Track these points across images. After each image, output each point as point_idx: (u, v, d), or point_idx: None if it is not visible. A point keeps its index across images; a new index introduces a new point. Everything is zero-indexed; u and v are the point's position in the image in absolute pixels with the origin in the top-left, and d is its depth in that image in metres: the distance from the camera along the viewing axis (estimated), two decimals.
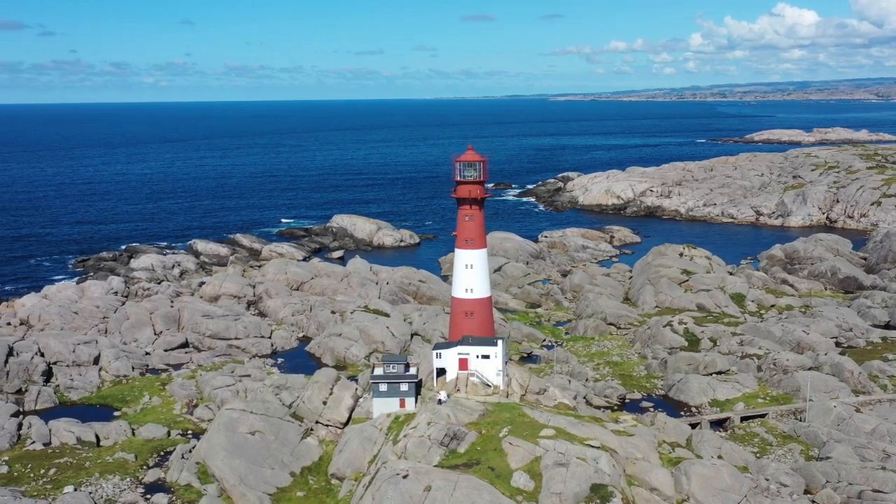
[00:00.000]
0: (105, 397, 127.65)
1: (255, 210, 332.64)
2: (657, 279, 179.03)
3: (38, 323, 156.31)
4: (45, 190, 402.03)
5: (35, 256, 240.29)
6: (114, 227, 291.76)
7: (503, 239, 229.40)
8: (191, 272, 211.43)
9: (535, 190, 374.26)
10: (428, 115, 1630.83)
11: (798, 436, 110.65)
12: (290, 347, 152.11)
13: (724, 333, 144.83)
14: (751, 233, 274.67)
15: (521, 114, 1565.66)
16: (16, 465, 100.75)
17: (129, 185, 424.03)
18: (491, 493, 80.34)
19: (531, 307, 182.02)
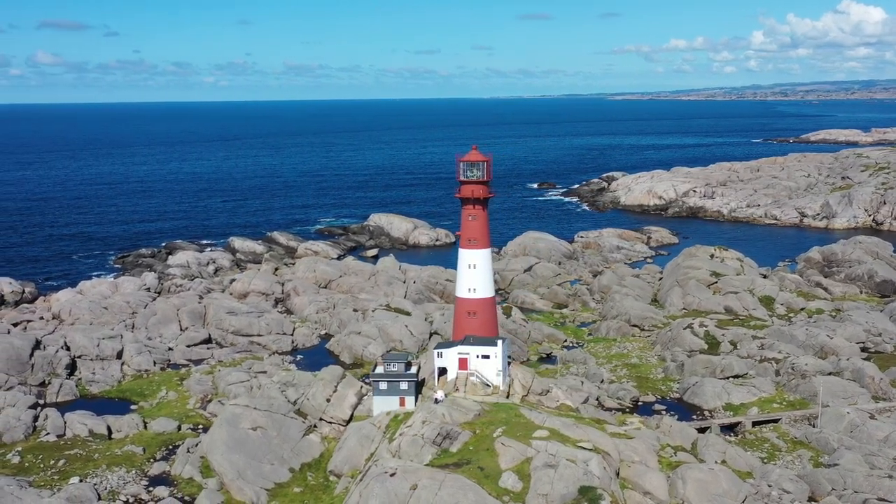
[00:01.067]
0: (124, 391, 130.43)
1: (298, 208, 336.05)
2: (685, 281, 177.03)
3: (68, 317, 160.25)
4: (98, 187, 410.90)
5: (79, 252, 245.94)
6: (158, 224, 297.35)
7: (536, 239, 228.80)
8: (225, 269, 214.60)
9: (578, 190, 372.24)
10: (484, 114, 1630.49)
11: (809, 442, 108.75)
12: (310, 345, 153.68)
13: (744, 337, 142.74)
14: (793, 235, 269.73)
15: (577, 113, 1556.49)
16: (28, 456, 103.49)
17: (179, 182, 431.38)
18: (477, 493, 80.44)
19: (558, 308, 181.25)
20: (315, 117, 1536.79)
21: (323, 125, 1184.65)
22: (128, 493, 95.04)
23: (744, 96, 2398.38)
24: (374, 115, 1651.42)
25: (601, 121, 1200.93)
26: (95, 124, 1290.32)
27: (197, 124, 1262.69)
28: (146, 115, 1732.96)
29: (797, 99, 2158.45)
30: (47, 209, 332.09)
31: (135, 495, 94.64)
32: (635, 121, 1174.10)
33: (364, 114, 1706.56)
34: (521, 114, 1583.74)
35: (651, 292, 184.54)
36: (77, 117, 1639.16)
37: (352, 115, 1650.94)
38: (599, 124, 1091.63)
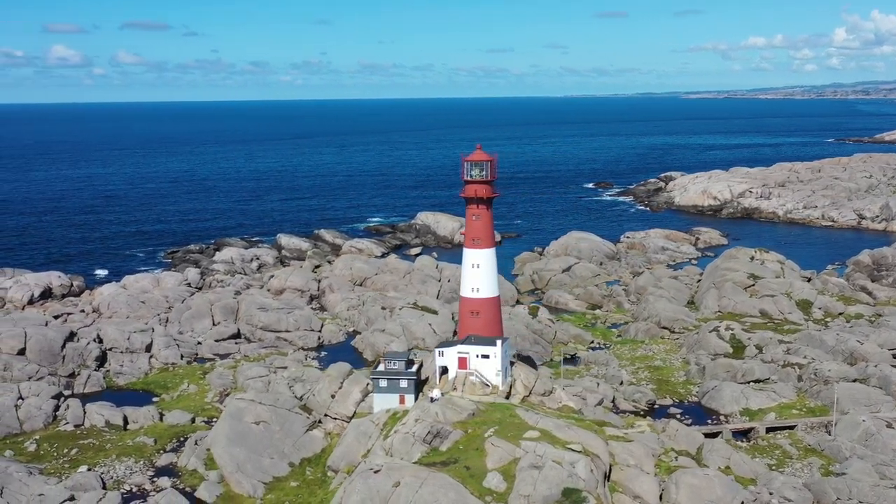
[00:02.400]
0: (149, 383, 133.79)
1: (352, 206, 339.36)
2: (722, 283, 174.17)
3: (106, 311, 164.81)
4: (163, 184, 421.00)
5: (133, 248, 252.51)
6: (213, 220, 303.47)
7: (579, 239, 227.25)
8: (268, 266, 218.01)
9: (634, 190, 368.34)
10: (556, 112, 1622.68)
11: (822, 450, 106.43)
12: (337, 341, 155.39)
13: (770, 341, 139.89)
14: (850, 237, 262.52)
15: (648, 112, 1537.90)
16: (44, 444, 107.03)
17: (240, 180, 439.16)
18: (458, 492, 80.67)
19: (592, 308, 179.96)
20: (387, 116, 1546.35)
21: (393, 124, 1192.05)
22: (132, 482, 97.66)
23: (823, 95, 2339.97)
24: (445, 113, 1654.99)
25: (672, 120, 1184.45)
26: (172, 123, 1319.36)
27: (270, 123, 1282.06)
28: (222, 114, 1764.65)
29: (879, 98, 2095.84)
30: (111, 206, 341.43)
31: (139, 485, 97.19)
32: (707, 120, 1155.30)
33: (436, 112, 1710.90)
34: (592, 113, 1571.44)
35: (688, 294, 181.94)
36: (156, 116, 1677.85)
37: (423, 113, 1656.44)
38: (669, 123, 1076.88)
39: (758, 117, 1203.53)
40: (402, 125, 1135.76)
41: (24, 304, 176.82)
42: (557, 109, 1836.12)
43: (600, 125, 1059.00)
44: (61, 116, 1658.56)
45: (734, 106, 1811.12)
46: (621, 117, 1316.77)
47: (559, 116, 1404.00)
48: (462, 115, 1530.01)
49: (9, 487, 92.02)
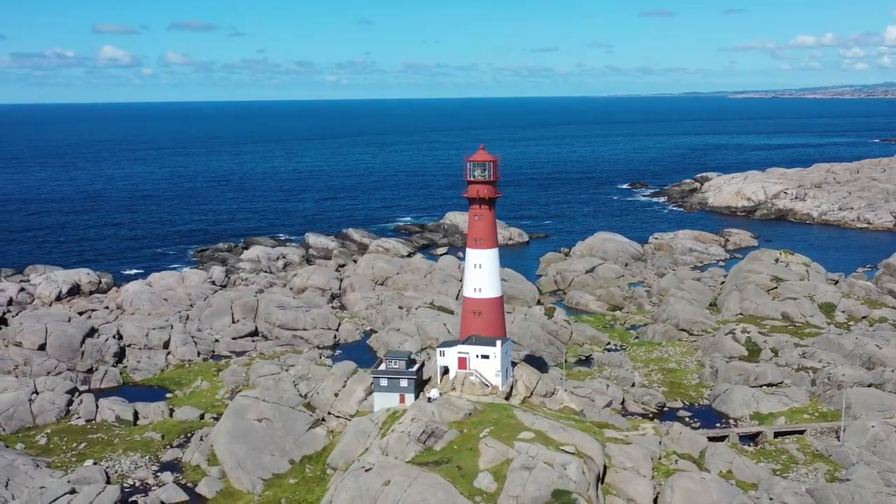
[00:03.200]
0: (164, 380, 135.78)
1: (384, 206, 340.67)
2: (744, 285, 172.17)
3: (129, 308, 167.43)
4: (199, 183, 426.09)
5: (164, 245, 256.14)
6: (246, 219, 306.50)
7: (605, 239, 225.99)
8: (294, 264, 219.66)
9: (669, 190, 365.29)
10: (600, 112, 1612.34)
11: (829, 455, 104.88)
12: (353, 340, 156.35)
13: (786, 344, 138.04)
14: (886, 239, 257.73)
15: (694, 112, 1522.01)
16: (54, 438, 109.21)
17: (278, 180, 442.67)
18: (447, 491, 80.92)
19: (613, 309, 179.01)
20: (430, 116, 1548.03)
21: (435, 123, 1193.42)
22: (136, 476, 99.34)
23: (874, 94, 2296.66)
24: (489, 113, 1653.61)
25: (716, 120, 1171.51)
26: (217, 122, 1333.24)
27: (313, 122, 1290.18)
28: (267, 114, 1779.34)
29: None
30: (147, 204, 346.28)
31: (142, 479, 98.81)
32: (752, 120, 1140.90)
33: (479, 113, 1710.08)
34: (637, 113, 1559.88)
35: (711, 296, 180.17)
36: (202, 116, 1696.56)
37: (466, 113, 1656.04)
38: (713, 123, 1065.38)
39: (804, 117, 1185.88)
40: (444, 125, 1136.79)
41: (52, 300, 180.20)
42: (601, 109, 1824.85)
43: (643, 125, 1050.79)
44: (110, 116, 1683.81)
45: (781, 106, 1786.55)
46: (665, 117, 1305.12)
47: (603, 116, 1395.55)
48: (505, 115, 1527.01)
49: (14, 480, 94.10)
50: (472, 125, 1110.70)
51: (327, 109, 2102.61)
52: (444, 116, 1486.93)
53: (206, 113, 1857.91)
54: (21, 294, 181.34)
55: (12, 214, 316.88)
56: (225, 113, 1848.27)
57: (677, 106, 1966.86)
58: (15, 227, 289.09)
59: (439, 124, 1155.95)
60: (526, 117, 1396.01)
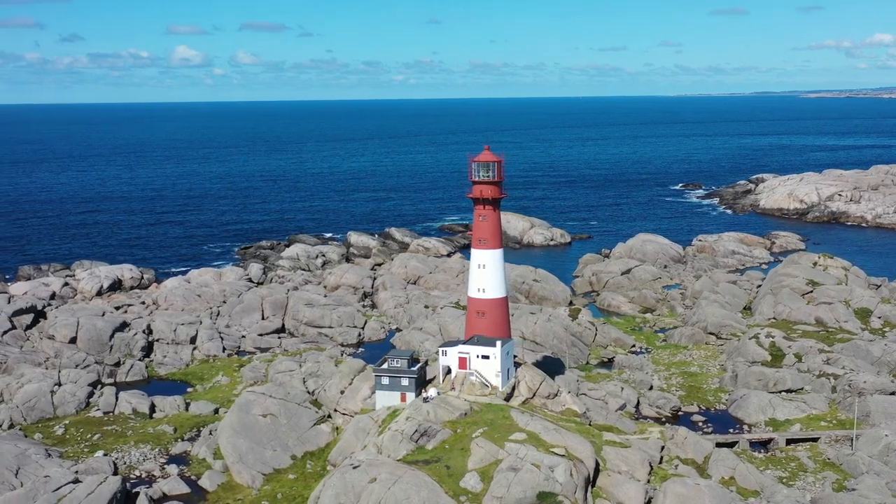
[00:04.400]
0: (187, 374, 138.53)
1: (434, 204, 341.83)
2: (779, 289, 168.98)
3: (163, 303, 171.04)
4: (257, 181, 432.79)
5: (210, 242, 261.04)
6: (295, 218, 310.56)
7: (645, 241, 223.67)
8: (333, 262, 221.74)
9: (721, 191, 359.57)
10: (668, 112, 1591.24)
11: (840, 464, 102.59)
12: (377, 338, 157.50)
13: (810, 350, 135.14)
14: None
15: (763, 112, 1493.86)
16: (71, 429, 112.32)
17: (333, 178, 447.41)
18: (431, 490, 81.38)
19: (645, 312, 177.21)
20: (495, 115, 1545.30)
21: (499, 123, 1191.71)
22: (144, 468, 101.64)
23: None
24: (555, 113, 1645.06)
25: (786, 120, 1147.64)
26: (284, 121, 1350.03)
27: (379, 121, 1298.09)
28: (335, 113, 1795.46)
29: None
30: (203, 202, 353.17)
31: (148, 471, 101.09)
32: (821, 120, 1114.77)
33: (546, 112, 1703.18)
34: (705, 112, 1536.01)
35: (746, 300, 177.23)
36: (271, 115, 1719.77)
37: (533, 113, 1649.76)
38: (781, 123, 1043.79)
39: (878, 118, 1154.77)
40: (508, 124, 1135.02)
41: (93, 295, 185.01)
42: (669, 109, 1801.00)
43: (710, 125, 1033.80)
44: (182, 115, 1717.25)
45: (855, 105, 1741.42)
46: (734, 117, 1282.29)
47: (670, 116, 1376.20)
48: (571, 114, 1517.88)
49: (25, 468, 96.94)
50: (534, 125, 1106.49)
51: (394, 109, 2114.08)
52: (508, 116, 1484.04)
53: (275, 112, 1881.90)
54: (64, 289, 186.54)
55: (71, 211, 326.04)
56: (293, 112, 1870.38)
57: (747, 106, 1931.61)
58: (71, 223, 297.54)
59: (503, 124, 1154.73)
60: (592, 117, 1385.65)
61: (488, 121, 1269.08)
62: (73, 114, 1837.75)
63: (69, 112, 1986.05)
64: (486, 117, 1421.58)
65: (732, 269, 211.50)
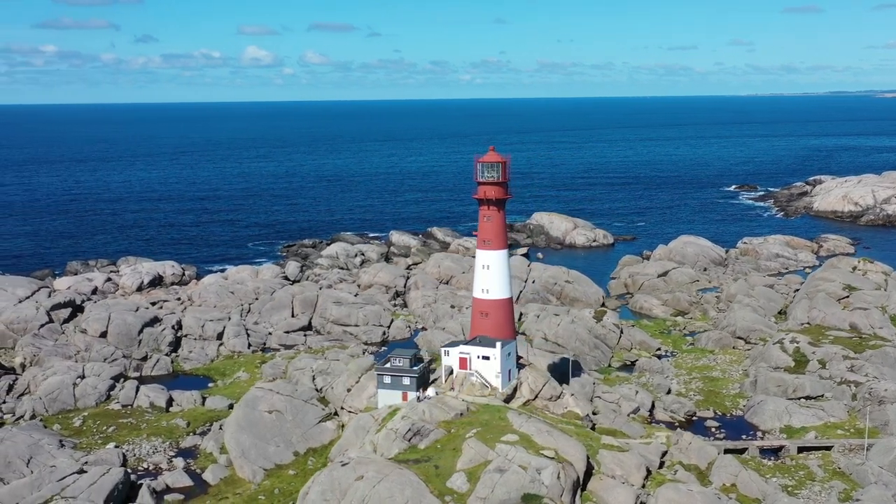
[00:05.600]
0: (210, 370, 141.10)
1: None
2: (814, 293, 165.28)
3: (197, 300, 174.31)
4: (310, 181, 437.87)
5: (255, 240, 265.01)
6: (342, 216, 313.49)
7: (686, 243, 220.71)
8: (372, 261, 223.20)
9: (776, 193, 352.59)
10: (737, 112, 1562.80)
11: (850, 474, 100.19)
12: (402, 337, 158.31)
13: (835, 356, 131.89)
14: None
15: (836, 111, 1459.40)
16: (88, 421, 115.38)
17: (388, 177, 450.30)
18: (415, 489, 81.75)
19: (677, 315, 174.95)
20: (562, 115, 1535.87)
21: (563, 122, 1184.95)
22: (152, 461, 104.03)
23: None
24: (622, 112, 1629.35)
25: (859, 120, 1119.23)
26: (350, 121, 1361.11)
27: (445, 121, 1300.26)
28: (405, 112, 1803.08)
29: None
30: (256, 201, 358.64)
31: (156, 464, 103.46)
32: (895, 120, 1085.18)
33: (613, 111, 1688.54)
34: (775, 112, 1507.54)
35: (782, 304, 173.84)
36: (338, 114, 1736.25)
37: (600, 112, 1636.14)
38: (854, 124, 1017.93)
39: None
40: (572, 124, 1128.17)
41: (133, 290, 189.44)
42: (739, 109, 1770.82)
43: (779, 125, 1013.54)
44: (251, 115, 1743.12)
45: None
46: (805, 117, 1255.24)
47: (739, 116, 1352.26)
48: (639, 114, 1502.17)
49: (36, 458, 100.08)
50: (598, 125, 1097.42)
51: (460, 108, 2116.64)
52: (574, 116, 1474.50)
53: (342, 112, 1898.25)
54: (106, 284, 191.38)
55: (128, 209, 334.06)
56: (359, 112, 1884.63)
57: (821, 105, 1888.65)
58: (126, 221, 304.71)
59: (567, 123, 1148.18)
60: (657, 117, 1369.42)
61: (552, 120, 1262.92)
62: (146, 113, 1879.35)
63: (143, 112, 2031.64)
64: (551, 117, 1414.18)
65: (774, 273, 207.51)
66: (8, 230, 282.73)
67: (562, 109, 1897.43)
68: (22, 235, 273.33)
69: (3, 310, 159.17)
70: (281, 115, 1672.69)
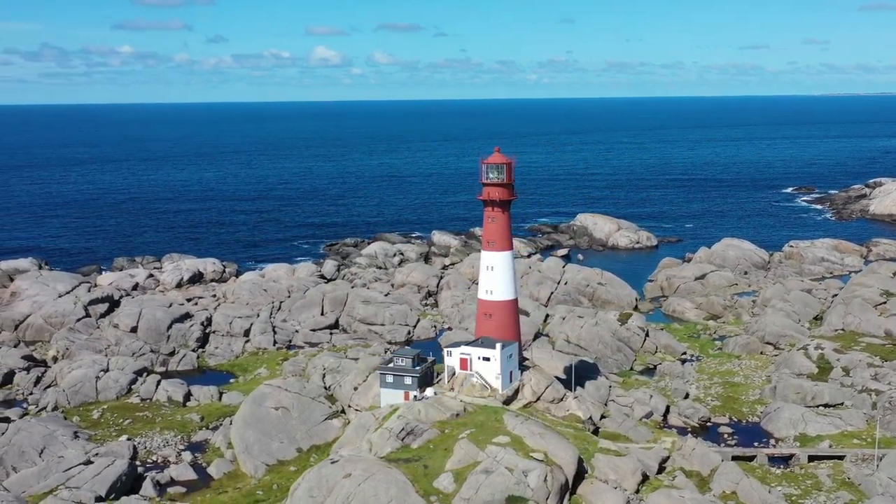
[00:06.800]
0: (234, 366, 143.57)
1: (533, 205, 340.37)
2: (850, 299, 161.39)
3: (231, 297, 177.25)
4: (364, 180, 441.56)
5: (300, 239, 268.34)
6: (391, 215, 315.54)
7: (728, 246, 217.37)
8: (411, 261, 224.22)
9: (834, 196, 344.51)
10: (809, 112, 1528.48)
11: (858, 484, 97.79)
12: (426, 337, 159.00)
13: (859, 364, 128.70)
14: None
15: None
16: (106, 414, 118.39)
17: (439, 177, 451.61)
18: (400, 488, 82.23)
19: (710, 318, 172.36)
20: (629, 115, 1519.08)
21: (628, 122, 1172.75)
22: (161, 454, 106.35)
23: None
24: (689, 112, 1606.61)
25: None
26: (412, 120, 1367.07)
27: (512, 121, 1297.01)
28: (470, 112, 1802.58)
29: None
30: (309, 199, 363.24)
31: (165, 456, 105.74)
32: None
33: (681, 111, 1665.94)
34: (849, 112, 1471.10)
35: (818, 309, 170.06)
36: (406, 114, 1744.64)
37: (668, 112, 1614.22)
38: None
39: None
40: (637, 124, 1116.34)
41: (172, 287, 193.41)
42: (812, 109, 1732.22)
43: (850, 126, 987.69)
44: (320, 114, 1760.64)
45: None
46: (880, 117, 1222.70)
47: (811, 116, 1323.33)
48: (708, 114, 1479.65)
49: (49, 448, 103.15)
50: (663, 125, 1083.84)
51: (525, 108, 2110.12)
52: (639, 116, 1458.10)
53: (408, 112, 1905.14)
54: (147, 280, 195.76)
55: (181, 209, 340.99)
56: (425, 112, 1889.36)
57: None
58: (178, 219, 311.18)
59: (631, 124, 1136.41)
60: (727, 117, 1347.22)
61: (616, 120, 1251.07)
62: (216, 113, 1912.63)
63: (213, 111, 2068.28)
64: (616, 117, 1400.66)
65: (817, 278, 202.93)
66: (66, 227, 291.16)
67: (628, 109, 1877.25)
68: (78, 232, 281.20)
69: (43, 304, 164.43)
70: (348, 115, 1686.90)
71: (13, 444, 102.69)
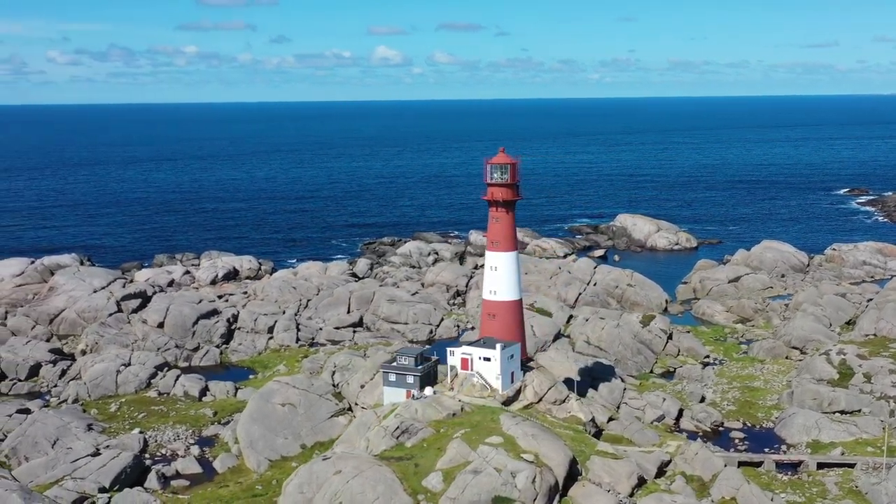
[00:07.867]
0: (255, 362, 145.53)
1: (577, 204, 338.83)
2: (884, 304, 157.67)
3: (260, 294, 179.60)
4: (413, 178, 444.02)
5: (340, 236, 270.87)
6: (431, 215, 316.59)
7: (766, 248, 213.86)
8: (445, 261, 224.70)
9: (887, 198, 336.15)
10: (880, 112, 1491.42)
11: (865, 493, 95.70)
12: (448, 336, 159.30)
13: (881, 370, 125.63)
14: None
15: None
16: (123, 408, 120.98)
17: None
18: (388, 486, 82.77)
19: (740, 322, 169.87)
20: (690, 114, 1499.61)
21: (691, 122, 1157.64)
22: (171, 447, 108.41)
23: None
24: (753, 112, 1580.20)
25: None
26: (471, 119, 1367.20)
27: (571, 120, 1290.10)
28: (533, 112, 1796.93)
29: None
30: (353, 198, 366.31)
31: (174, 450, 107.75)
32: None
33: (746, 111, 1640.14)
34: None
35: (851, 314, 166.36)
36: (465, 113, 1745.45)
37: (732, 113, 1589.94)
38: None
39: None
40: (695, 124, 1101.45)
41: (206, 283, 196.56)
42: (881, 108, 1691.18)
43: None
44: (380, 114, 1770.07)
45: None
46: None
47: (879, 116, 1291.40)
48: (770, 114, 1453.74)
49: (62, 440, 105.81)
50: (722, 125, 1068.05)
51: (588, 107, 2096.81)
52: (700, 116, 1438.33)
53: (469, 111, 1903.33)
54: (184, 276, 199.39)
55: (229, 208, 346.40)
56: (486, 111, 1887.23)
57: None
58: (225, 217, 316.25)
59: (689, 123, 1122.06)
60: (790, 116, 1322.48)
61: (674, 120, 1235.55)
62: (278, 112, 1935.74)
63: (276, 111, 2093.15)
64: (675, 117, 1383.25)
65: (857, 281, 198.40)
66: (114, 224, 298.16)
67: (689, 109, 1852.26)
68: (125, 229, 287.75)
69: (77, 299, 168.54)
70: (407, 114, 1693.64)
71: (28, 434, 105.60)
